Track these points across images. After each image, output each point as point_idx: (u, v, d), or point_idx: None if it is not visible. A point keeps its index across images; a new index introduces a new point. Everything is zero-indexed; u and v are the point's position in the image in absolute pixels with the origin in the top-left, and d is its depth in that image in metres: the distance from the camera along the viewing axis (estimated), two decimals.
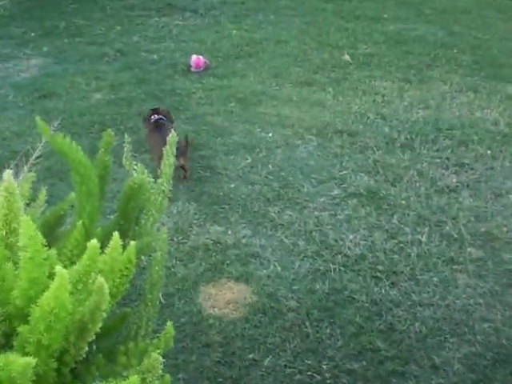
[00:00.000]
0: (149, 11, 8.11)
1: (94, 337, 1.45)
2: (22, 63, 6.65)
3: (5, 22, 7.85)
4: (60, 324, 1.30)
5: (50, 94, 5.90)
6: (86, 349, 1.46)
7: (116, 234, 1.52)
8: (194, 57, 6.40)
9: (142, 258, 2.00)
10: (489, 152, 4.95)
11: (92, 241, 1.42)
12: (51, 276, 1.40)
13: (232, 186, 4.53)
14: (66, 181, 4.39)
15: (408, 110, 5.58)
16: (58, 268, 1.29)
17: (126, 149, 2.00)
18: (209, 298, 3.56)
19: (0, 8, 8.38)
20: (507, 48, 7.10)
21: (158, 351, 1.51)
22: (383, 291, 3.61)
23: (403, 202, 4.34)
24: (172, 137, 2.08)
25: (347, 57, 6.70)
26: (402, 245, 3.95)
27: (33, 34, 7.42)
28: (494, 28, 7.78)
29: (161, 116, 4.79)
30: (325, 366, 3.16)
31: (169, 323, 1.65)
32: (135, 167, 1.96)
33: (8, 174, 1.54)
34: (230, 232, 4.05)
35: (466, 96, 5.86)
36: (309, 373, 3.13)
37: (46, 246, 1.44)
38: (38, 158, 2.02)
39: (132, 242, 1.59)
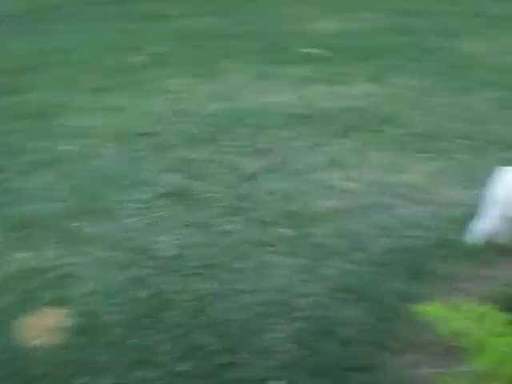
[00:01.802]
0: None
1: None
2: None
3: None
4: None
5: None
6: None
7: None
8: None
9: None
10: (285, 134, 5.14)
11: None
12: None
13: (35, 206, 4.31)
14: None
15: (205, 104, 5.65)
16: None
17: None
18: (27, 329, 3.37)
19: None
20: (287, 32, 7.41)
21: None
22: (203, 286, 3.61)
23: (212, 194, 4.39)
24: None
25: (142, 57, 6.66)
26: (215, 237, 3.99)
27: None
28: (275, 13, 8.09)
29: None
30: (158, 373, 3.10)
31: None
32: None
33: None
34: (39, 256, 3.86)
35: (257, 83, 6.04)
36: None
37: None
38: None
39: None
